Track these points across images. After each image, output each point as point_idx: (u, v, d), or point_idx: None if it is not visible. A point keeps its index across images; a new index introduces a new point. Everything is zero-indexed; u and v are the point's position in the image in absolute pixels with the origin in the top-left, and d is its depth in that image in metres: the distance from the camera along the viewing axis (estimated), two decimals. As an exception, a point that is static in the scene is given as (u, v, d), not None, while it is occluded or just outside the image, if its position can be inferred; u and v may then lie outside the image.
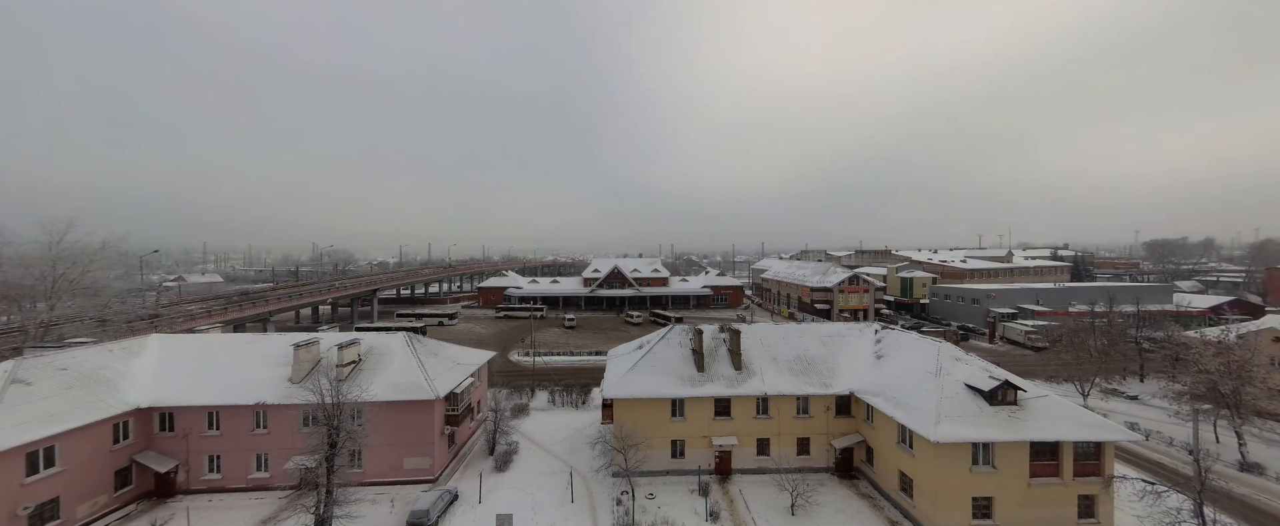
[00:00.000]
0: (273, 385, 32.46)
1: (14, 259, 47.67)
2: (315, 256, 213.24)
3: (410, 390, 32.63)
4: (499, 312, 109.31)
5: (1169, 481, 27.63)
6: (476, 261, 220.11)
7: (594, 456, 36.58)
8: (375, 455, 32.14)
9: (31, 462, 25.55)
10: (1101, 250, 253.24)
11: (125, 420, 30.27)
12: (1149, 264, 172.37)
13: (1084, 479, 26.72)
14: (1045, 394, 28.91)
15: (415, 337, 38.14)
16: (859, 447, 34.07)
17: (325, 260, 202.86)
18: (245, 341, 39.64)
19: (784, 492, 30.17)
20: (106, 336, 40.73)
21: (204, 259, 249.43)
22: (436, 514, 28.38)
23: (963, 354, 32.55)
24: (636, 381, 34.49)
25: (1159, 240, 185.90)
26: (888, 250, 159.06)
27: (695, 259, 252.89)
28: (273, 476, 31.82)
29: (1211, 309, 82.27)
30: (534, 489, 32.28)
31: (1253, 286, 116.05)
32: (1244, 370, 36.54)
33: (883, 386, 32.34)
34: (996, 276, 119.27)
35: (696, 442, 34.16)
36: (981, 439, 26.20)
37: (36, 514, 25.48)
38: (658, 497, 31.12)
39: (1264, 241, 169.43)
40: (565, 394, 49.71)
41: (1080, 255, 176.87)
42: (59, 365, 29.88)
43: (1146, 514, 24.83)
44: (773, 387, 34.15)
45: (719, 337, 38.22)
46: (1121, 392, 52.19)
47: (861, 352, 36.72)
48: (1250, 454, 35.66)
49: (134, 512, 29.93)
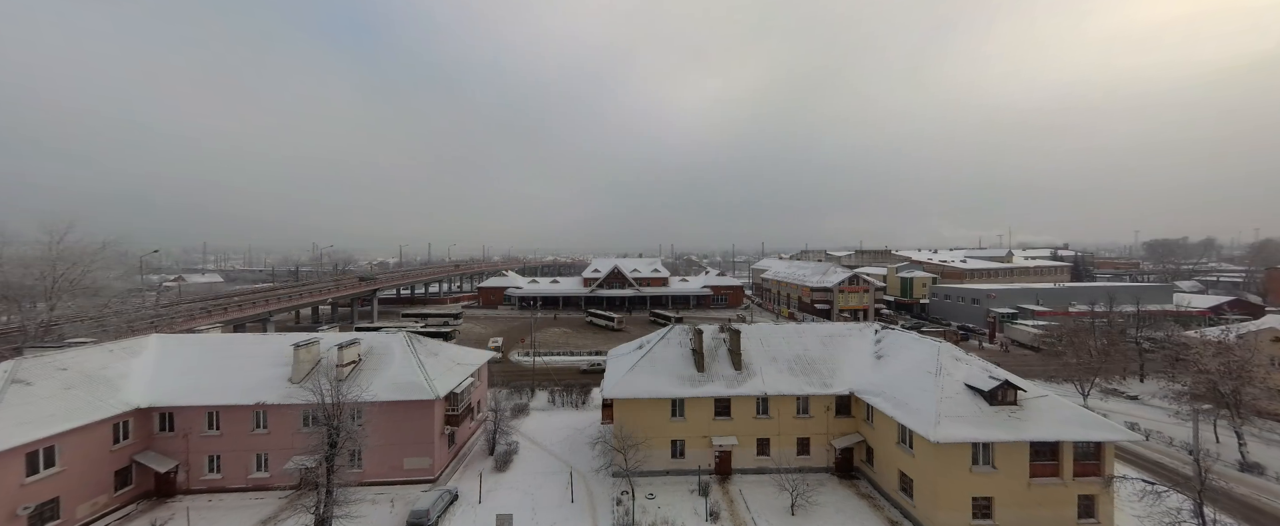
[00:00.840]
0: (273, 385, 32.44)
1: (14, 259, 47.66)
2: (315, 256, 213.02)
3: (410, 390, 32.62)
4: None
5: (1169, 481, 27.63)
6: (476, 261, 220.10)
7: (594, 456, 36.58)
8: (375, 455, 32.11)
9: (31, 462, 25.55)
10: (1101, 250, 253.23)
11: (125, 420, 30.26)
12: (1149, 264, 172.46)
13: (1084, 479, 26.72)
14: (1045, 394, 28.90)
15: (416, 337, 38.14)
16: (859, 447, 34.06)
17: (325, 260, 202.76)
18: (245, 341, 39.67)
19: (784, 492, 30.16)
20: (106, 336, 40.72)
21: (204, 259, 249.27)
22: (436, 514, 28.39)
23: (963, 354, 32.54)
24: (636, 381, 34.47)
25: (1159, 240, 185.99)
26: (888, 250, 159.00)
27: (695, 259, 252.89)
28: (273, 476, 31.82)
29: (1211, 309, 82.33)
30: (534, 489, 32.29)
31: (1253, 286, 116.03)
32: (1244, 370, 36.52)
33: (883, 386, 32.33)
34: (996, 276, 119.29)
35: (696, 442, 34.15)
36: (981, 439, 26.20)
37: (36, 514, 25.47)
38: (658, 497, 31.12)
39: (1264, 241, 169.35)
40: (565, 394, 49.72)
41: (1080, 255, 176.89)
42: (59, 365, 29.86)
43: (1146, 514, 24.82)
44: (773, 387, 34.14)
45: (719, 337, 38.21)
46: (1121, 392, 52.20)
47: (861, 352, 36.71)
48: (1250, 454, 35.65)
49: (134, 512, 29.93)
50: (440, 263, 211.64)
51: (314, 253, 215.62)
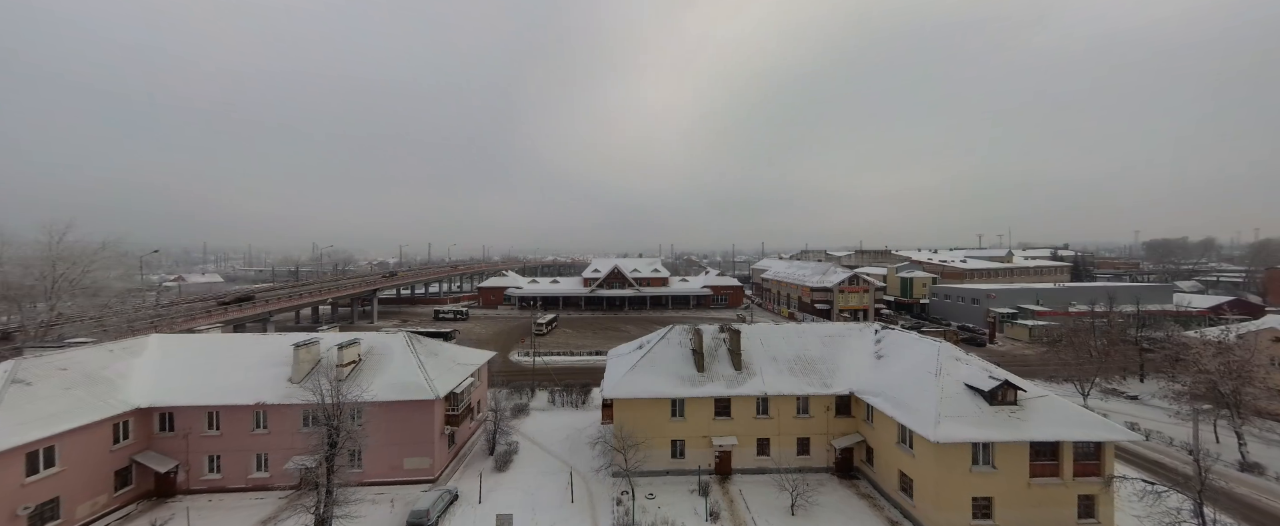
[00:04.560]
0: (273, 385, 32.44)
1: (14, 259, 47.66)
2: (315, 256, 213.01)
3: (410, 390, 32.61)
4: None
5: (1169, 481, 27.59)
6: (477, 261, 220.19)
7: (594, 456, 36.58)
8: (375, 455, 32.11)
9: (31, 462, 25.54)
10: (1101, 250, 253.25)
11: (125, 420, 30.25)
12: (1149, 264, 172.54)
13: (1084, 479, 26.70)
14: (1045, 394, 28.90)
15: (416, 337, 38.14)
16: (859, 447, 34.06)
17: (325, 260, 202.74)
18: (245, 341, 39.66)
19: (784, 492, 30.16)
20: (106, 336, 40.73)
21: (204, 259, 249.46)
22: (436, 514, 28.38)
23: (963, 354, 32.54)
24: (636, 381, 34.48)
25: (1159, 240, 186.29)
26: (888, 250, 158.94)
27: (695, 259, 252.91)
28: (273, 476, 31.82)
29: (1211, 309, 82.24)
30: (534, 489, 32.27)
31: (1253, 286, 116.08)
32: (1244, 370, 36.51)
33: (883, 386, 32.34)
34: (996, 276, 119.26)
35: (696, 442, 34.15)
36: (981, 439, 26.19)
37: (36, 514, 25.47)
38: (658, 497, 31.11)
39: (1264, 241, 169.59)
40: (565, 394, 49.71)
41: (1080, 255, 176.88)
42: (59, 365, 29.85)
43: (1146, 514, 24.80)
44: (773, 387, 34.14)
45: (719, 337, 38.21)
46: (1121, 392, 52.19)
47: (861, 352, 36.72)
48: (1250, 454, 35.64)
49: (134, 512, 29.92)
50: (440, 263, 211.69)
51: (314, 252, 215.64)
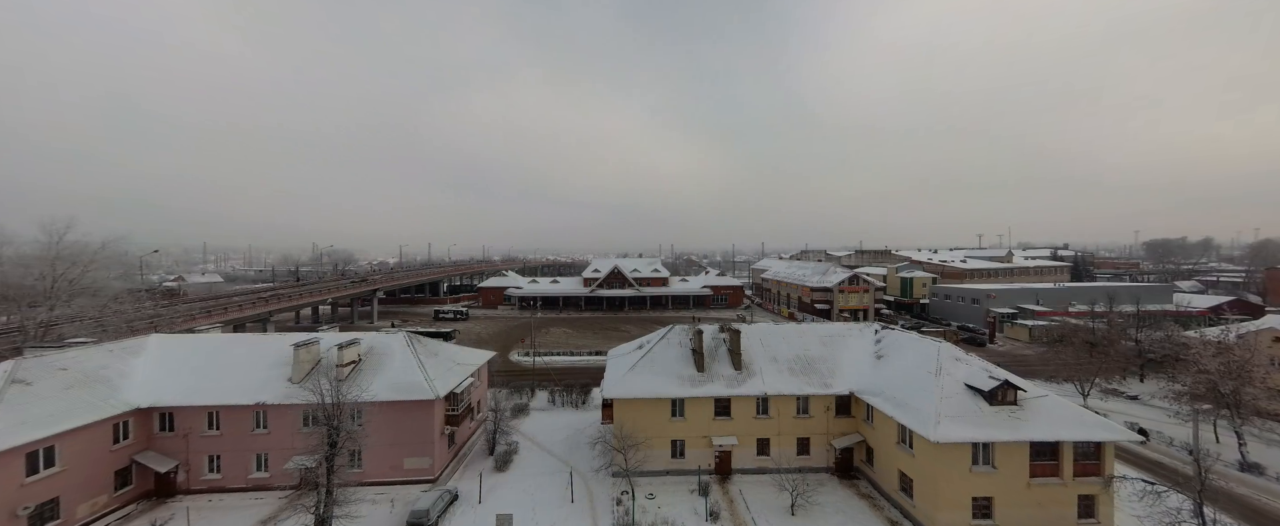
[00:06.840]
0: (273, 385, 32.44)
1: (14, 259, 47.63)
2: (315, 256, 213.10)
3: (410, 390, 32.60)
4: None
5: (1169, 481, 27.62)
6: (476, 261, 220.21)
7: (594, 456, 36.57)
8: (375, 455, 32.12)
9: (31, 462, 25.53)
10: (1101, 250, 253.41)
11: (125, 420, 30.25)
12: (1149, 264, 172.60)
13: (1084, 479, 26.72)
14: (1045, 394, 28.93)
15: (416, 337, 38.13)
16: (859, 447, 34.06)
17: (325, 260, 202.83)
18: (245, 341, 39.62)
19: (784, 492, 30.18)
20: (106, 336, 40.71)
21: (204, 259, 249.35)
22: (436, 514, 28.38)
23: (962, 353, 32.54)
24: (636, 381, 34.49)
25: (1159, 240, 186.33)
26: (888, 250, 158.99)
27: (695, 259, 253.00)
28: (273, 476, 31.79)
29: (1211, 309, 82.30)
30: (534, 489, 32.28)
31: (1252, 286, 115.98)
32: (1244, 370, 36.51)
33: (883, 386, 32.35)
34: (996, 276, 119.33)
35: (696, 442, 34.15)
36: (981, 439, 26.20)
37: (36, 514, 25.46)
38: (658, 497, 31.11)
39: (1264, 241, 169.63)
40: (565, 394, 49.70)
41: (1080, 255, 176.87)
42: (59, 365, 29.83)
43: (1146, 514, 24.81)
44: (773, 387, 34.15)
45: (719, 337, 38.21)
46: (1121, 392, 52.18)
47: (861, 352, 36.72)
48: (1250, 454, 35.63)
49: (134, 512, 29.92)
50: (440, 263, 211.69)
51: (314, 252, 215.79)
